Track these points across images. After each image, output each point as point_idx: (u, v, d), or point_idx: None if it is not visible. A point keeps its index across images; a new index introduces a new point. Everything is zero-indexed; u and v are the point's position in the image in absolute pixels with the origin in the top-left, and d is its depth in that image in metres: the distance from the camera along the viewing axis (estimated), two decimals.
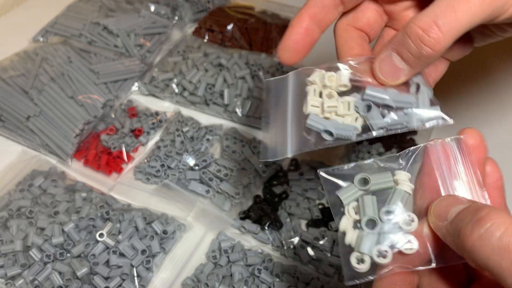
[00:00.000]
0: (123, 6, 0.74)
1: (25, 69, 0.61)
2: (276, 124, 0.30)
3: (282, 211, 0.50)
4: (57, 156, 0.55)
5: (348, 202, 0.25)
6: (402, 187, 0.25)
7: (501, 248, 0.19)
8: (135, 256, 0.45)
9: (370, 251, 0.23)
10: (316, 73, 0.30)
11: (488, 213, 0.20)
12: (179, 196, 0.51)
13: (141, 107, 0.62)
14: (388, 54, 0.28)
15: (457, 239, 0.21)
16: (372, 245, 0.24)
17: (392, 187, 0.25)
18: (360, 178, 0.25)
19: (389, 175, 0.25)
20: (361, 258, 0.24)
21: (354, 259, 0.24)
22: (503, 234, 0.19)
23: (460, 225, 0.21)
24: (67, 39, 0.68)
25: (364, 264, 0.24)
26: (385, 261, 0.23)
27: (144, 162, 0.55)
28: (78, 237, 0.46)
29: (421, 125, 0.27)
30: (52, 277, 0.44)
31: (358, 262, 0.24)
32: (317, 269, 0.45)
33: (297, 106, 0.30)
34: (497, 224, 0.19)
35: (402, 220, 0.24)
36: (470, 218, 0.20)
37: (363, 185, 0.25)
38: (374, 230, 0.24)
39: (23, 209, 0.48)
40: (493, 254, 0.19)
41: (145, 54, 0.68)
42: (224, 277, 0.44)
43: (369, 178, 0.25)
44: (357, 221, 0.25)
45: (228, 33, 0.71)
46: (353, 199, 0.25)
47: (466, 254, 0.21)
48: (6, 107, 0.57)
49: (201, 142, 0.56)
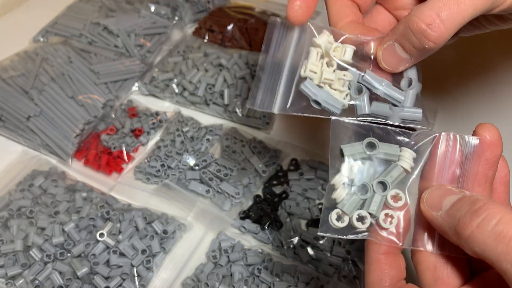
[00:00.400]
0: (123, 6, 0.74)
1: (26, 69, 0.61)
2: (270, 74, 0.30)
3: (282, 211, 0.50)
4: (58, 156, 0.55)
5: (350, 159, 0.25)
6: (402, 164, 0.25)
7: (496, 234, 0.20)
8: (135, 256, 0.45)
9: (352, 212, 0.24)
10: (324, 36, 0.28)
11: (484, 204, 0.21)
12: (179, 196, 0.51)
13: (141, 107, 0.62)
14: (391, 44, 0.28)
15: (455, 228, 0.22)
16: (355, 208, 0.24)
17: (395, 161, 0.25)
18: (369, 141, 0.25)
19: (396, 148, 0.25)
20: (340, 216, 0.24)
21: (334, 214, 0.24)
22: (498, 222, 0.20)
23: (458, 214, 0.22)
24: (68, 39, 0.68)
25: (341, 223, 0.24)
26: (362, 226, 0.24)
27: (144, 162, 0.55)
28: (78, 237, 0.46)
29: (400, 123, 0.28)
30: (53, 277, 0.44)
31: (336, 218, 0.24)
32: (316, 269, 0.45)
33: (295, 63, 0.29)
34: (493, 213, 0.21)
35: (390, 195, 0.24)
36: (469, 208, 0.22)
37: (370, 149, 0.25)
38: (363, 195, 0.24)
39: (23, 209, 0.48)
40: (490, 240, 0.20)
41: (145, 54, 0.68)
42: (224, 277, 0.44)
43: (377, 144, 0.25)
44: (349, 180, 0.25)
45: (228, 33, 0.71)
46: (355, 158, 0.25)
47: (464, 242, 0.22)
48: (6, 107, 0.57)
49: (201, 142, 0.56)
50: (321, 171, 0.53)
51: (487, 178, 0.25)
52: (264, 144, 0.56)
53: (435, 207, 0.23)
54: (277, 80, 0.29)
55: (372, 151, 0.25)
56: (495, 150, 0.25)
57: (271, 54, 0.30)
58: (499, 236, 0.20)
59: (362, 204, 0.24)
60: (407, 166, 0.25)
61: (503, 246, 0.20)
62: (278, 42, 0.30)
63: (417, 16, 0.26)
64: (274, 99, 0.29)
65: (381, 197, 0.24)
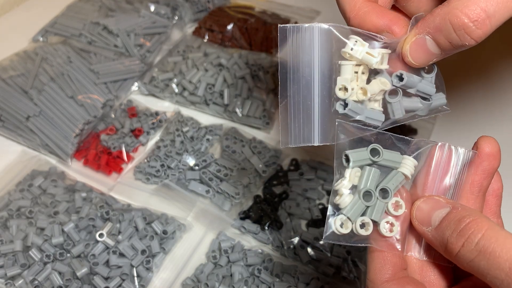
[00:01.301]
0: (123, 6, 0.74)
1: (25, 69, 0.61)
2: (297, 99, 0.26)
3: (282, 211, 0.50)
4: (57, 156, 0.55)
5: (355, 165, 0.25)
6: (404, 171, 0.25)
7: (478, 251, 0.21)
8: (135, 256, 0.45)
9: (355, 219, 0.24)
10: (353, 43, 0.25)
11: (470, 222, 0.22)
12: (179, 196, 0.51)
13: (141, 107, 0.62)
14: (422, 37, 0.25)
15: (445, 247, 0.23)
16: (359, 215, 0.24)
17: (396, 168, 0.25)
18: (373, 147, 0.25)
19: (399, 156, 0.25)
20: (343, 223, 0.24)
21: (338, 221, 0.24)
22: (480, 239, 0.21)
23: (446, 233, 0.23)
24: (67, 39, 0.68)
25: (344, 229, 0.24)
26: (365, 233, 0.24)
27: (144, 162, 0.55)
28: (78, 237, 0.46)
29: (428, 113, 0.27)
30: (52, 277, 0.44)
31: (340, 224, 0.24)
32: (317, 269, 0.45)
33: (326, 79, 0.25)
34: (477, 230, 0.21)
35: (391, 203, 0.24)
36: (455, 227, 0.22)
37: (374, 155, 0.25)
38: (368, 202, 0.24)
39: (23, 209, 0.48)
40: (473, 257, 0.21)
41: (145, 54, 0.68)
42: (224, 277, 0.44)
43: (381, 152, 0.25)
44: (353, 186, 0.25)
45: (228, 33, 0.71)
46: (360, 164, 0.25)
47: (454, 260, 0.23)
48: (6, 107, 0.57)
49: (201, 142, 0.56)
50: (321, 171, 0.53)
51: (481, 188, 0.25)
52: (264, 144, 0.56)
53: (425, 222, 0.24)
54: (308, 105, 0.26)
55: (376, 157, 0.25)
56: (493, 161, 0.25)
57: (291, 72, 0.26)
58: (480, 252, 0.21)
59: (364, 211, 0.25)
60: (408, 173, 0.25)
61: (484, 262, 0.21)
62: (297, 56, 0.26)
63: (460, 9, 0.23)
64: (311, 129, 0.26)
65: (384, 204, 0.24)
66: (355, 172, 0.25)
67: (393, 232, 0.24)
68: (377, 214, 0.24)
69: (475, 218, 0.22)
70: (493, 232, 0.21)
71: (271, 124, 0.59)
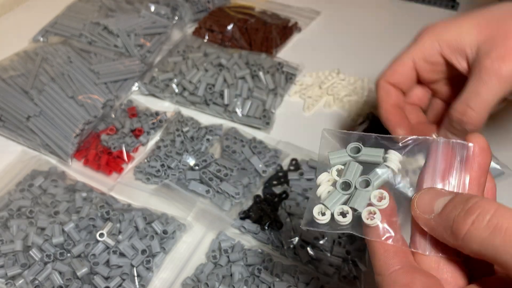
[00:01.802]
0: (123, 6, 0.74)
1: (25, 69, 0.61)
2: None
3: (282, 211, 0.50)
4: (57, 156, 0.55)
5: (335, 163, 0.26)
6: (389, 164, 0.25)
7: (492, 227, 0.20)
8: (135, 256, 0.45)
9: (333, 207, 0.25)
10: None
11: (477, 202, 0.21)
12: (179, 196, 0.51)
13: (141, 107, 0.62)
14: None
15: (451, 229, 0.22)
16: (337, 203, 0.25)
17: (381, 163, 0.26)
18: (353, 146, 0.26)
19: (380, 150, 0.26)
20: (323, 211, 0.25)
21: (316, 209, 0.25)
22: (492, 216, 0.20)
23: (451, 215, 0.22)
24: (67, 39, 0.68)
25: (324, 217, 0.25)
26: (344, 220, 0.24)
27: (144, 162, 0.55)
28: (78, 237, 0.46)
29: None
30: (52, 277, 0.44)
31: (319, 213, 0.25)
32: (316, 269, 0.45)
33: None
34: (487, 209, 0.21)
35: (374, 195, 0.25)
36: (462, 207, 0.22)
37: (354, 153, 0.26)
38: (345, 192, 0.25)
39: (23, 209, 0.48)
40: (486, 235, 0.20)
41: (145, 54, 0.68)
42: (224, 277, 0.44)
43: (361, 147, 0.26)
44: (335, 182, 0.26)
45: (228, 33, 0.71)
46: (340, 162, 0.26)
47: (461, 242, 0.22)
48: (6, 107, 0.57)
49: (201, 142, 0.56)
50: None
51: (480, 184, 0.25)
52: (264, 144, 0.56)
53: (427, 210, 0.23)
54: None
55: (356, 154, 0.26)
56: (486, 156, 0.25)
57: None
58: (495, 229, 0.20)
59: (346, 201, 0.25)
60: (393, 166, 0.25)
61: (500, 238, 0.20)
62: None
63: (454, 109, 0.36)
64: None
65: (363, 193, 0.25)
66: (336, 169, 0.26)
67: (373, 220, 0.24)
68: (355, 203, 0.24)
69: (481, 199, 0.22)
70: (505, 210, 0.21)
71: (271, 124, 0.59)
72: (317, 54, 0.71)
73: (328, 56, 0.71)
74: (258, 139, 0.57)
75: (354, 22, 0.77)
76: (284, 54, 0.71)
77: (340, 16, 0.79)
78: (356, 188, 0.25)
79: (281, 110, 0.62)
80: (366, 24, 0.76)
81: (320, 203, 0.25)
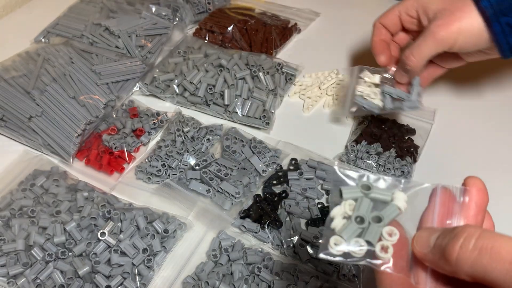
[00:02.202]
0: (124, 7, 0.75)
1: (27, 70, 0.61)
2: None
3: (281, 210, 0.50)
4: (59, 156, 0.56)
5: (347, 198, 0.27)
6: (397, 203, 0.27)
7: (479, 248, 0.22)
8: (136, 255, 0.45)
9: (349, 239, 0.26)
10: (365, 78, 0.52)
11: (462, 228, 0.23)
12: (180, 195, 0.51)
13: (142, 107, 0.62)
14: (398, 67, 0.52)
15: (444, 256, 0.24)
16: (353, 235, 0.26)
17: (389, 202, 0.27)
18: (364, 183, 0.28)
19: (390, 190, 0.28)
20: (339, 243, 0.26)
21: (333, 240, 0.26)
22: (478, 238, 0.22)
23: (443, 244, 0.24)
24: (69, 40, 0.69)
25: (339, 247, 0.26)
26: (359, 252, 0.26)
27: (145, 161, 0.55)
28: (79, 236, 0.46)
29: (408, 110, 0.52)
30: (54, 276, 0.44)
31: (335, 244, 0.26)
32: (316, 268, 0.46)
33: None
34: (472, 233, 0.23)
35: (385, 231, 0.26)
36: (449, 236, 0.24)
37: (365, 189, 0.28)
38: (360, 225, 0.26)
39: (25, 208, 0.49)
40: (474, 256, 0.22)
41: (146, 55, 0.68)
42: (224, 276, 0.45)
43: (372, 186, 0.28)
44: (347, 216, 0.27)
45: (228, 34, 0.72)
46: (352, 197, 0.28)
47: (455, 267, 0.23)
48: (8, 107, 0.57)
49: (202, 142, 0.57)
50: (320, 170, 0.53)
51: (477, 222, 0.27)
52: (264, 144, 0.56)
53: (425, 245, 0.26)
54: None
55: (367, 191, 0.28)
56: (483, 196, 0.27)
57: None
58: (481, 250, 0.22)
59: (359, 234, 0.27)
60: (401, 205, 0.27)
61: (487, 258, 0.22)
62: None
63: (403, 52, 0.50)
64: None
65: (376, 227, 0.26)
66: (349, 204, 0.27)
67: (388, 253, 0.26)
68: (371, 236, 0.26)
69: (465, 225, 0.24)
70: (488, 233, 0.22)
71: (271, 124, 0.59)
72: (316, 55, 0.72)
73: (327, 57, 0.71)
74: (258, 139, 0.57)
75: (353, 23, 0.77)
76: (284, 55, 0.71)
77: (339, 17, 0.79)
78: (369, 223, 0.26)
79: (280, 110, 0.63)
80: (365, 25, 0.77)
81: (337, 235, 0.26)
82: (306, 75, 0.67)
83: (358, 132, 0.58)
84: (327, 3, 0.82)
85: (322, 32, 0.76)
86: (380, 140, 0.56)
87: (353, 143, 0.56)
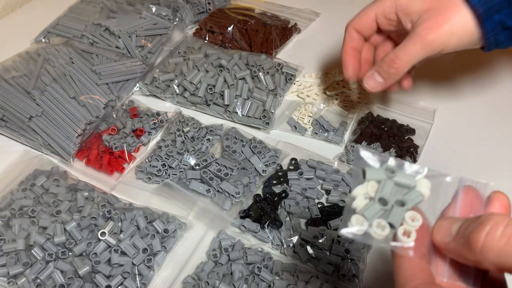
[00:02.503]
0: (125, 7, 0.75)
1: (27, 70, 0.61)
2: None
3: (281, 210, 0.50)
4: (59, 156, 0.56)
5: (370, 179, 0.26)
6: (420, 189, 0.26)
7: (507, 236, 0.21)
8: (136, 254, 0.45)
9: (372, 219, 0.25)
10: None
11: (488, 215, 0.22)
12: (180, 195, 0.51)
13: (143, 107, 0.62)
14: (372, 73, 0.49)
15: (468, 244, 0.23)
16: (375, 216, 0.25)
17: (412, 187, 0.26)
18: (389, 166, 0.27)
19: (414, 176, 0.27)
20: (360, 222, 0.25)
21: (354, 218, 0.25)
22: (506, 226, 0.21)
23: (467, 232, 0.23)
24: (69, 40, 0.69)
25: (361, 226, 0.25)
26: (381, 234, 0.25)
27: (146, 161, 0.55)
28: (80, 236, 0.46)
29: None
30: (54, 275, 0.44)
31: (356, 222, 0.25)
32: (316, 268, 0.46)
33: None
34: (499, 221, 0.22)
35: (408, 215, 0.25)
36: (474, 224, 0.23)
37: (390, 172, 0.27)
38: (383, 206, 0.25)
39: (25, 208, 0.49)
40: (502, 244, 0.21)
41: (146, 55, 0.69)
42: (225, 276, 0.45)
43: (396, 169, 0.27)
44: (369, 197, 0.26)
45: (228, 34, 0.72)
46: (375, 178, 0.27)
47: (479, 256, 0.22)
48: (8, 107, 0.57)
49: (202, 142, 0.57)
50: (320, 170, 0.53)
51: None
52: (264, 144, 0.56)
53: (445, 235, 0.25)
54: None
55: (391, 174, 0.26)
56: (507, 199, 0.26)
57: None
58: (510, 238, 0.21)
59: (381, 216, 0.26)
60: (424, 192, 0.26)
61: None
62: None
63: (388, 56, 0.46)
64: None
65: (399, 211, 0.25)
66: (371, 186, 0.26)
67: (410, 238, 0.25)
68: (394, 218, 0.25)
69: (491, 213, 0.23)
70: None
71: (271, 124, 0.59)
72: (316, 55, 0.72)
73: (327, 57, 0.71)
74: (258, 139, 0.57)
75: None
76: (284, 55, 0.71)
77: (339, 17, 0.79)
78: (392, 205, 0.26)
79: (280, 110, 0.63)
80: None
81: (359, 214, 0.26)
82: (306, 75, 0.67)
83: (358, 132, 0.58)
84: (327, 3, 0.82)
85: (322, 32, 0.76)
86: (380, 140, 0.56)
87: (353, 143, 0.56)
